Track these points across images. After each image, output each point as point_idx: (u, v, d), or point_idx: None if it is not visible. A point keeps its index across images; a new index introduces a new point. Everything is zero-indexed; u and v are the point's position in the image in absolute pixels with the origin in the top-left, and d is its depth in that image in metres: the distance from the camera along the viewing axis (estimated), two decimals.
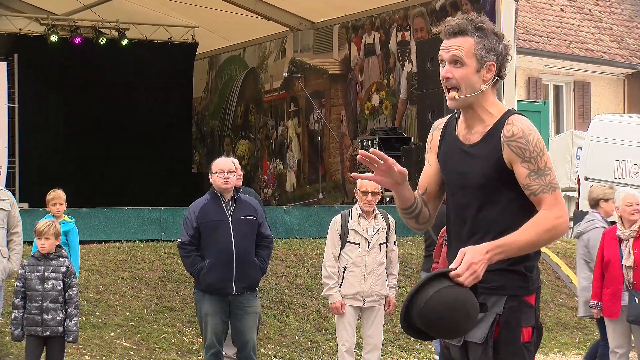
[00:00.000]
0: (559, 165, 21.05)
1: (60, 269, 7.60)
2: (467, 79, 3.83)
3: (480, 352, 3.85)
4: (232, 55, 20.78)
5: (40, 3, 19.04)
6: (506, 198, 3.86)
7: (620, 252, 8.02)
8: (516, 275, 3.85)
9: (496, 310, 3.83)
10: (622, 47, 24.60)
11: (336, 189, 17.55)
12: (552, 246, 13.73)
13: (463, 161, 3.93)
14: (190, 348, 9.81)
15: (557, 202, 3.79)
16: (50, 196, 9.26)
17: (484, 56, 3.83)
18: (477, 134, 3.91)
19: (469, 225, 3.91)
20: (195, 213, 7.84)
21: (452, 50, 3.83)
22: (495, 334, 3.84)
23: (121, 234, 12.57)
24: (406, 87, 16.17)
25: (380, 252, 7.96)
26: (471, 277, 3.63)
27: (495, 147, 3.85)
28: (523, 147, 3.80)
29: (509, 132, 3.82)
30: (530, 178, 3.79)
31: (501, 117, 3.88)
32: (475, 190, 3.88)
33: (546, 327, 11.47)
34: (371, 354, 8.04)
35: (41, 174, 16.10)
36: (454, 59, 3.83)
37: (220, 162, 8.01)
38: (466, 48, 3.82)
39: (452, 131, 4.00)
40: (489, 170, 3.85)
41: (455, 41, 3.84)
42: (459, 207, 3.95)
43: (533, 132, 3.82)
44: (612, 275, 8.07)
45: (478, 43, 3.83)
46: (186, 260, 7.89)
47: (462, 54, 3.82)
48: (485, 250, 3.66)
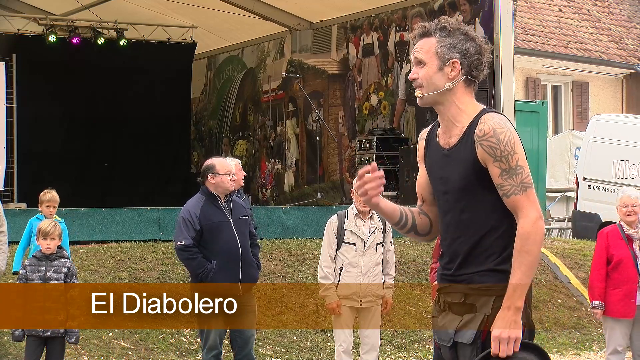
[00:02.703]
0: (558, 165, 21.09)
1: (62, 270, 7.62)
2: (428, 77, 3.89)
3: (469, 352, 3.85)
4: (231, 56, 20.78)
5: (38, 3, 19.03)
6: (487, 199, 3.85)
7: (632, 251, 8.06)
8: (505, 275, 3.84)
9: (485, 310, 3.83)
10: (620, 48, 24.61)
11: (334, 189, 17.55)
12: (551, 246, 13.74)
13: (444, 166, 3.94)
14: (188, 348, 9.81)
15: (529, 202, 3.79)
16: (46, 197, 9.17)
17: (446, 54, 3.88)
18: (454, 137, 3.92)
19: (452, 229, 3.92)
20: (197, 214, 7.72)
21: (415, 53, 3.94)
22: (484, 335, 3.84)
23: (119, 234, 12.57)
24: (404, 88, 16.17)
25: (376, 252, 7.96)
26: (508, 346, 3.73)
27: (470, 148, 3.85)
28: (494, 146, 3.80)
29: (481, 131, 3.82)
30: (502, 178, 3.80)
31: (475, 117, 3.89)
32: (456, 194, 3.89)
33: (544, 327, 11.47)
34: (369, 354, 8.04)
35: (39, 174, 16.09)
36: (417, 60, 3.93)
37: (226, 163, 7.91)
38: (426, 48, 3.90)
39: (435, 137, 4.02)
40: (468, 172, 3.86)
41: (419, 43, 3.94)
42: (443, 212, 3.97)
43: (505, 130, 3.81)
44: (625, 275, 8.06)
45: (439, 42, 3.89)
46: (192, 263, 7.69)
47: (422, 55, 3.90)
48: (510, 312, 3.74)
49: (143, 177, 19.07)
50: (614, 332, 8.25)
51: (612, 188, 14.39)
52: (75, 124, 19.08)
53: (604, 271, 8.19)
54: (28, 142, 16.70)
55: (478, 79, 3.96)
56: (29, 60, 17.11)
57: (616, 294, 8.14)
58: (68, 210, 11.92)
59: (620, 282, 8.11)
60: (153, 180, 19.20)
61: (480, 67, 3.93)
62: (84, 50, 18.48)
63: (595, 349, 11.13)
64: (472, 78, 3.92)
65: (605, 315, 8.23)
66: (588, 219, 15.09)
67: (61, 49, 18.23)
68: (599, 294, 8.21)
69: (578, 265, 13.08)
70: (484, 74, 3.98)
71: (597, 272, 8.24)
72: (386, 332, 10.19)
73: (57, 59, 18.27)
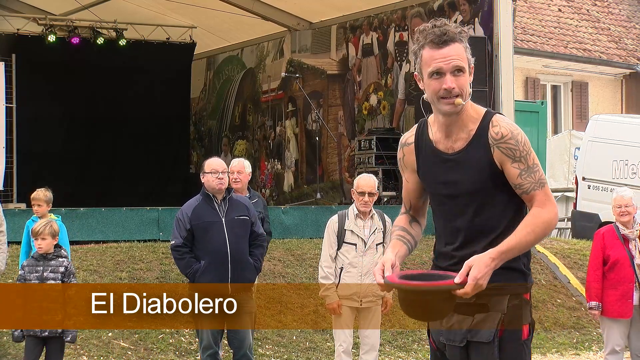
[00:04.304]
0: (557, 165, 21.09)
1: (59, 269, 7.61)
2: (466, 85, 3.83)
3: (487, 351, 3.86)
4: (230, 56, 20.78)
5: (38, 3, 19.04)
6: (500, 201, 3.87)
7: (629, 252, 8.07)
8: (517, 273, 3.89)
9: (500, 309, 3.85)
10: (620, 48, 24.62)
11: (334, 189, 17.55)
12: (551, 246, 13.74)
13: (449, 170, 3.91)
14: (188, 348, 9.82)
15: (547, 197, 3.84)
16: (32, 196, 9.17)
17: (469, 59, 3.86)
18: (460, 141, 3.90)
19: (463, 233, 3.91)
20: (188, 214, 7.77)
21: (453, 61, 3.78)
22: (500, 333, 3.86)
23: (119, 234, 12.57)
24: (404, 88, 16.17)
25: (377, 252, 7.96)
26: (476, 291, 3.67)
27: (485, 150, 3.85)
28: (513, 147, 3.83)
29: (497, 134, 3.84)
30: (521, 177, 3.83)
31: (483, 120, 3.89)
32: (469, 197, 3.88)
33: (544, 327, 11.48)
34: (368, 354, 8.04)
35: (39, 175, 16.08)
36: (457, 68, 3.79)
37: (213, 162, 7.91)
38: (462, 55, 3.81)
39: (428, 143, 3.98)
40: (482, 174, 3.86)
41: (450, 50, 3.79)
42: (451, 216, 3.95)
43: (519, 131, 3.89)
44: (621, 275, 8.09)
45: (466, 48, 3.86)
46: (180, 262, 7.82)
47: (463, 63, 3.80)
48: (490, 260, 3.69)
49: (143, 177, 19.08)
50: (612, 332, 8.27)
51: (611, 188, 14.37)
52: (75, 124, 19.09)
53: (600, 272, 8.20)
54: (28, 142, 16.71)
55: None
56: (28, 60, 17.12)
57: (613, 294, 8.15)
58: (68, 210, 11.93)
59: (617, 282, 8.13)
60: (153, 180, 19.21)
61: None
62: (84, 50, 18.49)
63: (594, 349, 11.13)
64: None
65: (603, 315, 8.25)
66: (587, 219, 15.10)
67: (61, 49, 18.24)
68: (596, 294, 8.23)
69: (577, 265, 13.08)
70: None
71: (594, 272, 8.25)
72: (386, 332, 10.19)
73: (56, 59, 18.27)
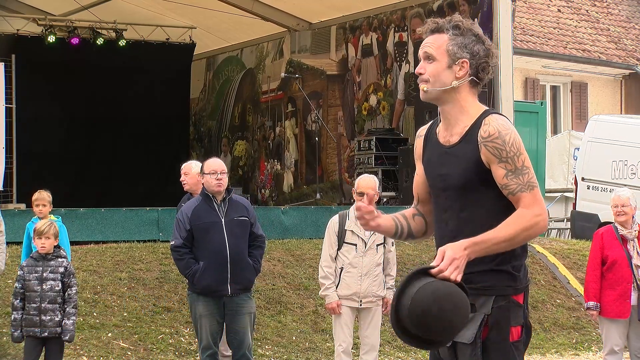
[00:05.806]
0: (556, 165, 21.10)
1: (59, 269, 7.62)
2: (436, 73, 3.91)
3: (469, 352, 3.85)
4: (230, 56, 20.78)
5: (37, 4, 19.04)
6: (487, 198, 3.87)
7: (627, 252, 8.08)
8: (504, 274, 3.87)
9: (484, 310, 3.84)
10: (619, 48, 24.63)
11: (333, 190, 17.56)
12: (550, 247, 13.75)
13: (444, 163, 3.95)
14: (187, 349, 9.82)
15: (535, 200, 3.82)
16: (34, 197, 9.18)
17: (456, 52, 3.90)
18: (456, 135, 3.94)
19: (451, 226, 3.92)
20: (188, 215, 7.76)
21: (425, 47, 3.95)
22: (484, 334, 3.85)
23: (119, 234, 12.58)
24: (403, 88, 16.18)
25: (377, 253, 7.97)
26: (455, 271, 3.66)
27: (473, 147, 3.87)
28: (499, 147, 3.82)
29: (485, 132, 3.85)
30: (507, 178, 3.82)
31: (478, 118, 3.91)
32: (457, 191, 3.90)
33: (543, 327, 11.49)
34: (368, 354, 8.05)
35: (38, 175, 16.11)
36: (426, 55, 3.94)
37: (212, 163, 7.88)
38: (438, 44, 3.92)
39: (434, 135, 4.04)
40: (469, 171, 3.87)
41: (430, 38, 3.96)
42: (441, 209, 3.98)
43: (510, 132, 3.84)
44: (619, 275, 8.10)
45: (451, 40, 3.91)
46: (180, 263, 7.82)
47: (433, 50, 3.92)
48: (463, 247, 3.71)
49: (142, 177, 19.07)
50: (611, 333, 8.28)
51: (610, 188, 14.38)
52: (75, 124, 19.08)
53: (598, 272, 8.21)
54: (27, 142, 16.72)
55: (483, 82, 3.99)
56: (28, 61, 17.13)
57: (611, 294, 8.17)
58: (67, 211, 11.93)
59: (615, 282, 8.14)
60: (152, 181, 19.19)
61: (486, 70, 3.97)
62: (84, 50, 18.49)
63: (594, 349, 11.14)
64: (478, 80, 3.95)
65: (601, 315, 8.26)
66: (587, 219, 15.10)
67: (60, 49, 18.24)
68: (594, 294, 8.24)
69: (577, 266, 13.08)
70: (489, 78, 4.01)
71: (592, 272, 8.27)
72: (386, 332, 10.19)
73: (56, 59, 18.27)
